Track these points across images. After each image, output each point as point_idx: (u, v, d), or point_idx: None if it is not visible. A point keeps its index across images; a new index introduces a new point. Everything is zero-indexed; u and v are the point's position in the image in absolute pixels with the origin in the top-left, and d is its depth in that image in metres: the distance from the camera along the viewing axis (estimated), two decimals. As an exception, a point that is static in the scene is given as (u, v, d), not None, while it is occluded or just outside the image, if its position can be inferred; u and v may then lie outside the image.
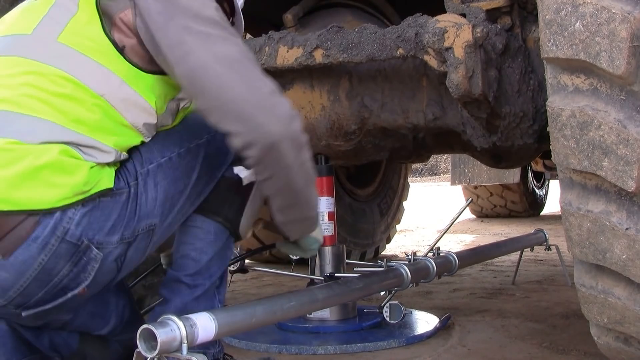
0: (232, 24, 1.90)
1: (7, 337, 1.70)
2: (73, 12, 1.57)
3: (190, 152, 1.67)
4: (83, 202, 1.48)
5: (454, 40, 2.02)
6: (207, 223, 1.76)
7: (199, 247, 1.76)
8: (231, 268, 2.57)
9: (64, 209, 1.46)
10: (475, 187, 7.88)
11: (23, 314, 1.54)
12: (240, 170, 1.77)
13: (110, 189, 1.53)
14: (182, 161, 1.67)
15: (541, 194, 8.43)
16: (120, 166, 1.59)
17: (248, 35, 3.53)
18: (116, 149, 1.56)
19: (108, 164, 1.55)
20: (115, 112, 1.54)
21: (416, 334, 2.45)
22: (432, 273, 2.46)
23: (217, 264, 1.78)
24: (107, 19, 1.57)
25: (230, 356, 1.92)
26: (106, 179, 1.53)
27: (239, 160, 1.73)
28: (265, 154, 1.51)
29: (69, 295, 1.53)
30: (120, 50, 1.56)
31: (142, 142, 1.63)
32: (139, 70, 1.57)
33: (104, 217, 1.52)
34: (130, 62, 1.57)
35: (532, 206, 8.16)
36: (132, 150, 1.62)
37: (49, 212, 1.44)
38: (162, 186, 1.63)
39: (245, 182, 1.77)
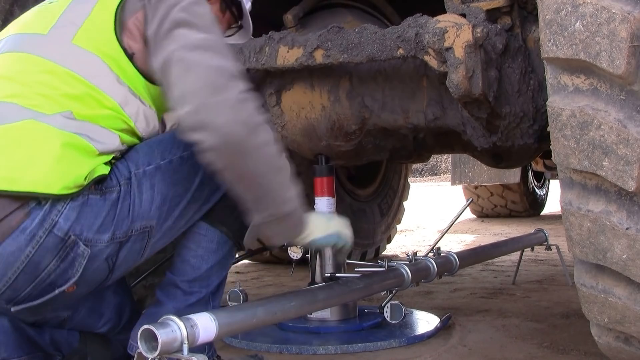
0: (240, 27, 1.92)
1: (10, 334, 1.71)
2: (87, 14, 1.60)
3: (194, 155, 1.65)
4: (72, 197, 1.49)
5: (454, 41, 2.02)
6: (211, 231, 1.75)
7: (200, 254, 1.75)
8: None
9: (55, 201, 1.47)
10: (476, 187, 7.88)
11: (12, 309, 1.54)
12: None
13: (101, 186, 1.54)
14: (184, 164, 1.66)
15: (541, 193, 8.43)
16: (113, 165, 1.60)
17: (248, 36, 3.53)
18: (121, 141, 1.59)
19: (107, 155, 1.57)
20: (125, 117, 1.59)
21: (417, 333, 2.45)
22: (433, 273, 2.46)
23: (217, 273, 1.78)
24: (120, 23, 1.60)
25: (219, 357, 1.91)
26: (102, 168, 1.55)
27: None
28: (212, 138, 1.47)
29: (57, 291, 1.53)
30: (130, 56, 1.60)
31: (140, 143, 1.65)
32: (144, 79, 1.61)
33: (93, 215, 1.52)
34: (138, 69, 1.61)
35: (533, 206, 8.16)
36: (129, 151, 1.63)
37: (43, 199, 1.46)
38: (160, 188, 1.62)
39: None
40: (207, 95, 1.46)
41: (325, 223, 1.80)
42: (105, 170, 1.56)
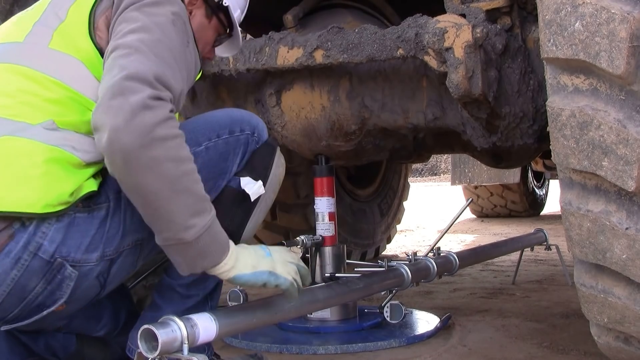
0: (230, 35, 1.87)
1: (3, 340, 1.70)
2: (63, 17, 1.57)
3: None
4: (58, 217, 1.45)
5: (454, 41, 2.02)
6: None
7: None
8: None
9: (39, 222, 1.43)
10: (476, 187, 7.88)
11: (2, 328, 1.53)
12: (247, 184, 1.70)
13: (89, 203, 1.50)
14: None
15: (541, 193, 8.44)
16: (103, 178, 1.55)
17: (248, 36, 3.53)
18: None
19: (95, 165, 1.52)
20: None
21: (417, 333, 2.45)
22: (433, 273, 2.47)
23: (213, 277, 1.71)
24: (94, 23, 1.56)
25: (218, 356, 1.90)
26: (90, 184, 1.51)
27: (245, 170, 1.70)
28: (103, 140, 1.36)
29: (45, 312, 1.51)
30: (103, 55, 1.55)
31: None
32: None
33: (80, 235, 1.48)
34: None
35: (532, 206, 8.16)
36: None
37: (27, 220, 1.42)
38: None
39: (253, 198, 1.69)
40: (109, 96, 1.37)
41: (255, 258, 1.58)
42: (94, 186, 1.52)
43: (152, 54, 1.43)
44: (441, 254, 2.68)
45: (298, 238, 2.58)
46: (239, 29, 1.86)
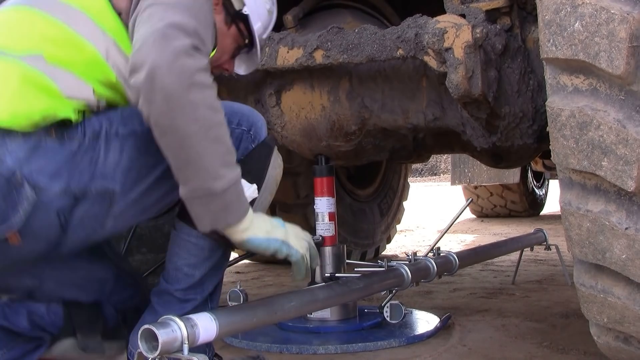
0: (249, 48, 1.83)
1: None
2: None
3: None
4: (25, 136, 1.44)
5: (453, 41, 2.02)
6: (201, 240, 1.66)
7: (193, 262, 1.68)
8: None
9: (4, 135, 1.42)
10: (475, 187, 7.88)
11: None
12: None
13: (62, 133, 1.48)
14: None
15: (541, 193, 8.44)
16: (86, 117, 1.53)
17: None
18: (94, 91, 1.53)
19: (75, 102, 1.51)
20: (106, 68, 1.55)
21: (417, 333, 2.46)
22: (433, 273, 2.47)
23: (211, 278, 1.72)
24: None
25: (219, 357, 1.90)
26: (67, 111, 1.49)
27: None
28: (142, 75, 1.38)
29: None
30: (118, 14, 1.58)
31: (125, 105, 1.59)
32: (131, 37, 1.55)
33: (46, 159, 1.46)
34: (125, 28, 1.57)
35: (532, 206, 8.16)
36: (111, 110, 1.57)
37: None
38: (130, 154, 1.54)
39: (250, 199, 1.64)
40: (152, 40, 1.40)
41: (270, 226, 1.60)
42: (71, 114, 1.49)
43: (188, 12, 1.48)
44: (441, 254, 2.68)
45: (298, 238, 2.58)
46: (259, 44, 1.83)
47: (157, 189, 1.61)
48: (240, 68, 1.91)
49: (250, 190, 1.66)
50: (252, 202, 1.66)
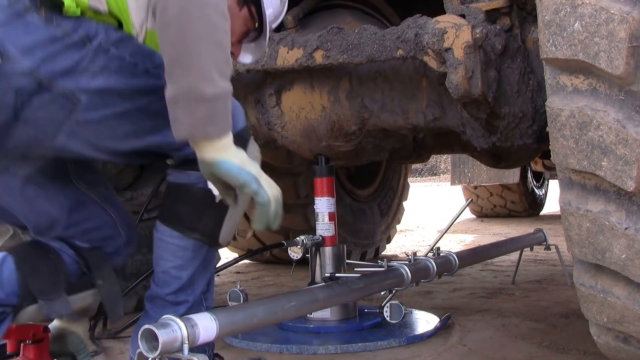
0: (258, 33, 1.79)
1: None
2: None
3: (157, 77, 1.50)
4: (11, 1, 1.40)
5: (453, 41, 2.02)
6: (184, 240, 1.62)
7: (179, 264, 1.63)
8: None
9: None
10: (475, 187, 7.89)
11: None
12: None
13: (52, 16, 1.43)
14: (146, 76, 1.53)
15: (541, 193, 8.45)
16: (87, 18, 1.48)
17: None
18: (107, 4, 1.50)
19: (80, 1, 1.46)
20: None
21: (416, 333, 2.46)
22: (433, 273, 2.47)
23: (200, 277, 1.66)
24: None
25: (221, 357, 1.88)
26: None
27: None
28: None
29: None
30: None
31: (130, 34, 1.55)
32: None
33: (25, 31, 1.40)
34: None
35: (532, 206, 8.17)
36: (113, 28, 1.52)
37: None
38: (108, 75, 1.48)
39: (218, 199, 1.57)
40: None
41: (247, 160, 1.49)
42: (71, 1, 1.44)
43: None
44: (441, 254, 2.68)
45: (298, 238, 2.59)
46: (268, 31, 1.80)
47: (122, 122, 1.53)
48: (246, 56, 1.87)
49: None
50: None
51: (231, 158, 1.45)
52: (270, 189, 1.49)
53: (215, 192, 1.54)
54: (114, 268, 1.77)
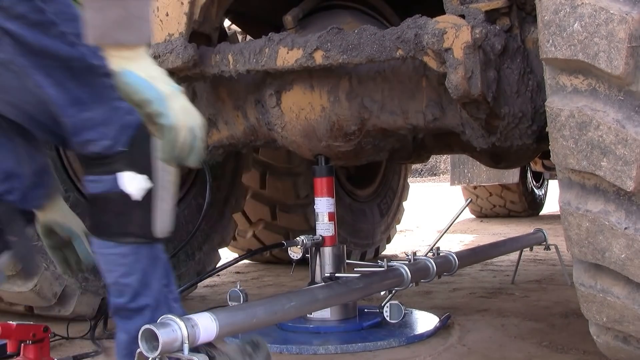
0: None
1: None
2: None
3: (71, 45, 1.43)
4: None
5: (453, 41, 2.02)
6: (119, 248, 1.53)
7: (124, 272, 1.54)
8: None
9: None
10: (475, 187, 7.89)
11: None
12: (130, 180, 1.48)
13: None
14: (58, 38, 1.43)
15: (540, 193, 8.45)
16: None
17: (248, 37, 3.54)
18: None
19: None
20: None
21: (416, 333, 2.46)
22: (432, 273, 2.47)
23: (153, 275, 1.57)
24: None
25: (213, 345, 1.82)
26: None
27: (124, 162, 1.48)
28: None
29: None
30: None
31: None
32: None
33: None
34: None
35: (531, 206, 8.18)
36: None
37: None
38: (22, 24, 1.40)
39: (136, 197, 1.48)
40: None
41: (160, 77, 1.34)
42: None
43: None
44: (440, 254, 2.69)
45: (298, 238, 2.59)
46: None
47: (11, 77, 1.43)
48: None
49: (135, 182, 1.49)
50: (148, 196, 1.49)
51: (138, 70, 1.31)
52: (184, 116, 1.34)
53: (134, 192, 1.45)
54: (27, 220, 1.62)
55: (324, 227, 2.64)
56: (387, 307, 2.53)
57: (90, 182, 1.52)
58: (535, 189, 8.27)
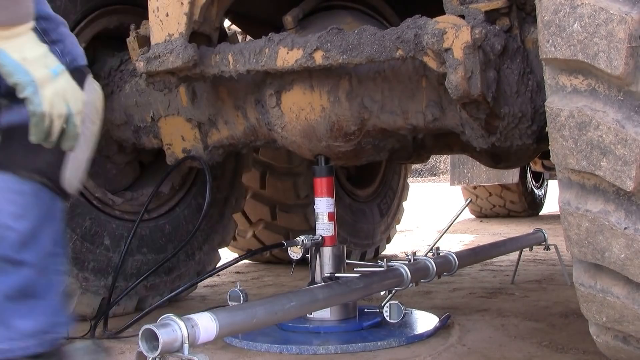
0: None
1: None
2: None
3: None
4: None
5: (453, 41, 2.02)
6: (19, 183, 1.42)
7: (17, 212, 1.41)
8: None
9: None
10: (475, 188, 7.90)
11: None
12: None
13: None
14: None
15: (540, 194, 8.46)
16: None
17: (248, 37, 3.55)
18: None
19: None
20: None
21: (416, 333, 2.46)
22: (432, 273, 2.47)
23: (45, 230, 1.45)
24: None
25: (98, 344, 1.72)
26: None
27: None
28: None
29: None
30: None
31: None
32: None
33: None
34: None
35: (531, 206, 8.18)
36: None
37: None
38: None
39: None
40: None
41: (37, 59, 1.30)
42: None
43: None
44: (440, 254, 2.69)
45: (298, 238, 2.59)
46: None
47: None
48: None
49: None
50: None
51: (10, 52, 1.27)
52: (56, 103, 1.31)
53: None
54: None
55: (324, 227, 2.64)
56: (387, 307, 2.53)
57: (8, 112, 1.45)
58: (535, 189, 8.27)
